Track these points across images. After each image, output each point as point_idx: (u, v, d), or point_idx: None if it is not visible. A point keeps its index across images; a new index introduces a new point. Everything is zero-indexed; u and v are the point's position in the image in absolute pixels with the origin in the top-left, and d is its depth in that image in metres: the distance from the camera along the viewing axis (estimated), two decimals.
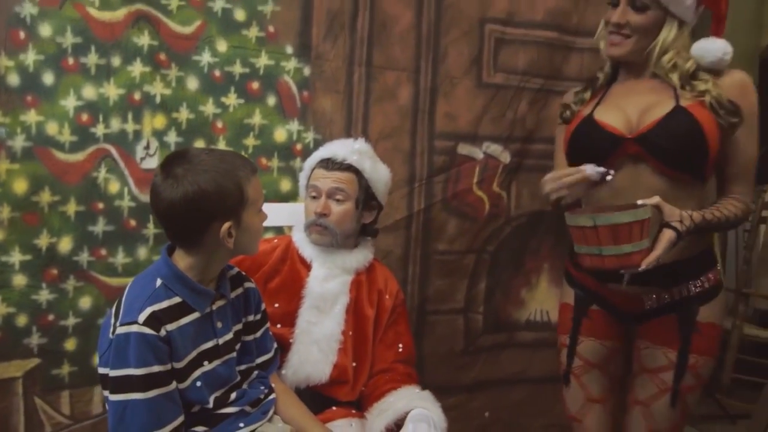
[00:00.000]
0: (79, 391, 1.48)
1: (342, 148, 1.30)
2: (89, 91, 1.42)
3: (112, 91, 1.43)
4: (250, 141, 1.59)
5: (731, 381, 2.25)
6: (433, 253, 1.77)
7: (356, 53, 1.65)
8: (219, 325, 1.02)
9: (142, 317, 0.92)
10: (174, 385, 0.94)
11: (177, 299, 0.97)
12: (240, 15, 1.54)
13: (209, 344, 1.00)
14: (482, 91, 1.77)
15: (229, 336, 1.04)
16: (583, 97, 1.33)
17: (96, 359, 1.48)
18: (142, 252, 1.51)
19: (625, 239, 0.99)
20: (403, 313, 1.34)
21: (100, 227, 1.46)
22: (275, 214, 1.32)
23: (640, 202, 1.04)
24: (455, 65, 1.74)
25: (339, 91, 1.65)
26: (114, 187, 1.47)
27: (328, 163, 1.29)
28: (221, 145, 1.56)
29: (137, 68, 1.44)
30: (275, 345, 1.15)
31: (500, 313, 1.88)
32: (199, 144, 1.53)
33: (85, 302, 1.47)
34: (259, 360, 1.10)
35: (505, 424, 1.91)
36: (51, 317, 1.43)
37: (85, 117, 1.42)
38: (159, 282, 0.97)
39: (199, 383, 0.97)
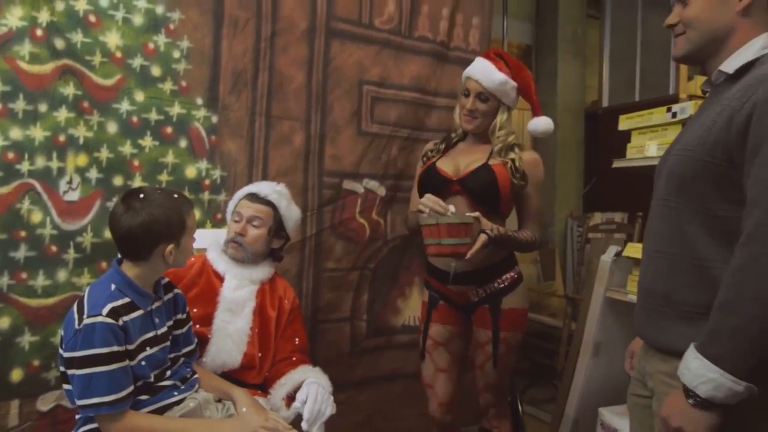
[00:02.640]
0: None
1: (266, 187, 1.62)
2: (16, 133, 1.59)
3: (38, 133, 1.62)
4: (164, 177, 1.83)
5: (563, 368, 2.80)
6: (324, 271, 2.11)
7: (257, 105, 1.97)
8: (156, 320, 1.29)
9: (105, 311, 1.17)
10: (127, 362, 1.19)
11: (127, 299, 1.23)
12: (156, 71, 1.80)
13: (150, 334, 1.26)
14: (362, 138, 2.16)
15: (164, 329, 1.30)
16: (440, 147, 1.82)
17: (15, 374, 1.64)
18: (62, 275, 1.67)
19: (455, 235, 1.47)
20: (298, 314, 1.66)
21: (21, 253, 1.61)
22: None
23: (467, 213, 1.54)
24: (339, 117, 2.12)
25: (242, 136, 1.96)
26: (37, 217, 1.63)
27: (253, 197, 1.60)
28: (137, 181, 1.79)
29: (62, 114, 1.65)
30: (196, 339, 1.42)
31: (380, 320, 2.25)
32: (118, 179, 1.75)
33: (4, 322, 1.59)
34: (185, 350, 1.37)
35: (385, 414, 2.26)
36: None
37: (11, 155, 1.59)
38: (113, 287, 1.23)
39: (143, 363, 1.22)
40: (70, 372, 1.17)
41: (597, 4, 3.94)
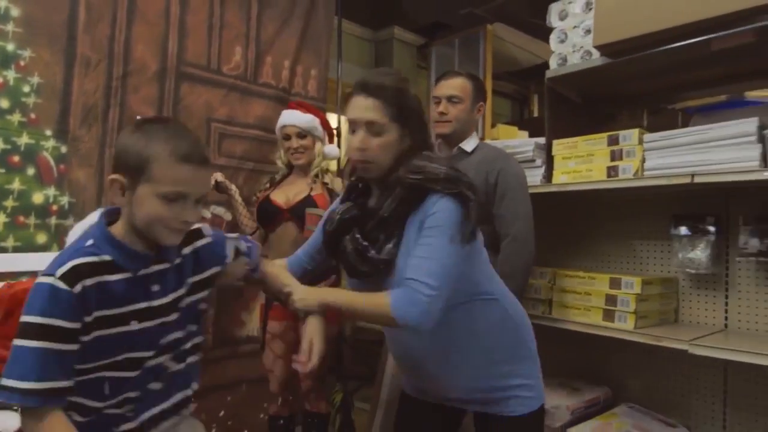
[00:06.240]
0: None
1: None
2: None
3: None
4: (9, 203, 1.92)
5: None
6: None
7: (108, 138, 2.15)
8: (156, 288, 1.04)
9: (60, 271, 0.93)
10: (69, 347, 0.92)
11: (106, 257, 0.99)
12: (4, 103, 1.90)
13: (142, 305, 1.01)
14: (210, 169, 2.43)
15: (166, 300, 1.05)
16: (266, 186, 2.24)
17: None
18: None
19: None
20: None
21: None
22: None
23: None
24: None
25: (92, 165, 2.11)
26: None
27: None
28: None
29: None
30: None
31: (226, 332, 2.50)
32: None
33: None
34: (191, 331, 1.11)
35: (235, 415, 2.50)
36: None
37: None
38: (90, 242, 0.99)
39: (136, 326, 1.00)
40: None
41: (425, 57, 4.64)
